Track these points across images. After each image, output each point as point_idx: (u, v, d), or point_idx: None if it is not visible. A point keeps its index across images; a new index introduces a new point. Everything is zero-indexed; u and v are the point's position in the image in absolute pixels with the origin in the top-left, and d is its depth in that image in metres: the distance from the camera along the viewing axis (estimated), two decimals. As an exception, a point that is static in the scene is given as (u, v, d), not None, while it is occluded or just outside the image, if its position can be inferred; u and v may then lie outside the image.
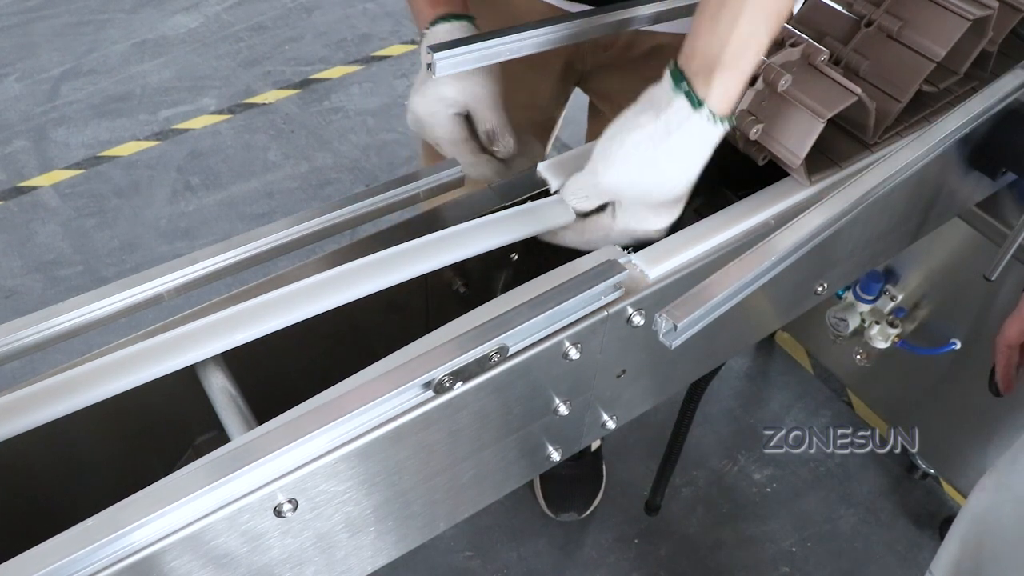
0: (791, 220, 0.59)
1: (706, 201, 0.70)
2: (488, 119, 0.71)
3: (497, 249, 0.64)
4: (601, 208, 0.64)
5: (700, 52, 0.58)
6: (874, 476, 1.62)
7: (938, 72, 0.71)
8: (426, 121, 0.71)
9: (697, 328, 0.52)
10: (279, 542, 0.52)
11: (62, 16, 2.70)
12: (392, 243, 0.60)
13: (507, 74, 0.74)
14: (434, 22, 0.73)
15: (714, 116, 0.58)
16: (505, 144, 0.71)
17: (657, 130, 0.58)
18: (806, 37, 0.68)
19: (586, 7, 0.74)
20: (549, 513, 1.54)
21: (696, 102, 0.57)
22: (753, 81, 0.64)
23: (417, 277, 0.61)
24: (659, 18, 0.75)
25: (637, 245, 0.63)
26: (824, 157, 0.70)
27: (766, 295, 0.74)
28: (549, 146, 1.16)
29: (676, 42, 0.79)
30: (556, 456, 0.67)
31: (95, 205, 2.11)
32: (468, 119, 0.72)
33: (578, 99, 1.14)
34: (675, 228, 0.64)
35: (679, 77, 0.58)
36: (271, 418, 0.51)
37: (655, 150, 0.58)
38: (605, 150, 0.60)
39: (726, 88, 0.58)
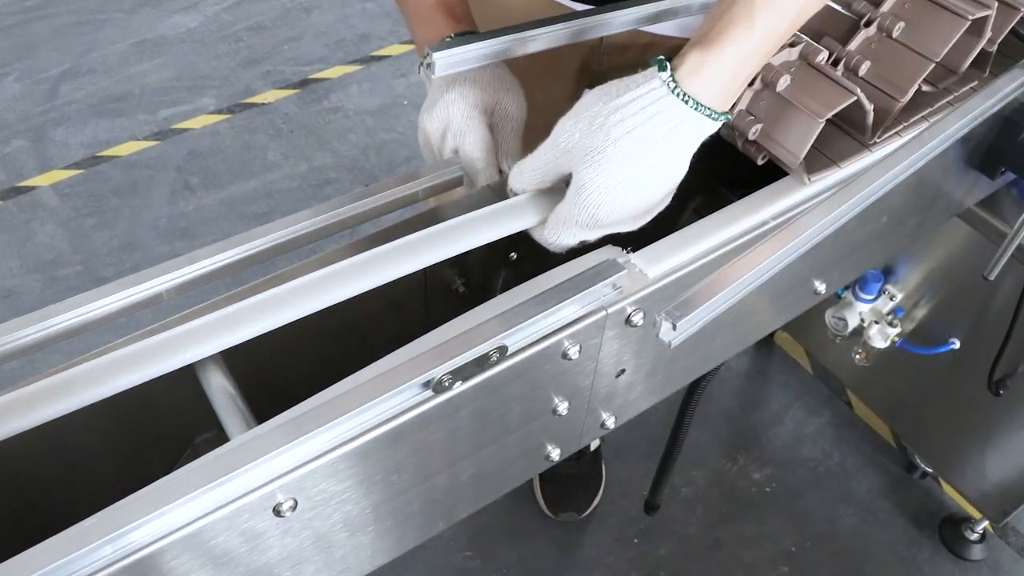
0: (790, 220, 0.59)
1: (705, 201, 0.70)
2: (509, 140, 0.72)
3: (497, 249, 0.64)
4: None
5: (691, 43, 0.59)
6: (874, 476, 1.62)
7: (937, 72, 0.71)
8: (459, 125, 0.69)
9: (696, 327, 0.52)
10: (278, 541, 0.52)
11: (61, 16, 2.70)
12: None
13: (523, 76, 0.74)
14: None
15: (681, 92, 0.57)
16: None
17: (619, 88, 0.59)
18: (805, 37, 0.68)
19: (588, 6, 0.74)
20: (549, 513, 1.54)
21: (664, 68, 0.57)
22: (752, 82, 0.64)
23: (416, 276, 0.61)
24: (660, 17, 0.75)
25: (636, 245, 0.63)
26: (823, 157, 0.70)
27: (765, 295, 0.74)
28: None
29: None
30: (555, 456, 0.67)
31: (94, 205, 2.11)
32: None
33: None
34: (674, 228, 0.64)
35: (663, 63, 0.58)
36: (270, 417, 0.51)
37: (606, 104, 0.59)
38: (576, 106, 0.61)
39: (698, 65, 0.57)
